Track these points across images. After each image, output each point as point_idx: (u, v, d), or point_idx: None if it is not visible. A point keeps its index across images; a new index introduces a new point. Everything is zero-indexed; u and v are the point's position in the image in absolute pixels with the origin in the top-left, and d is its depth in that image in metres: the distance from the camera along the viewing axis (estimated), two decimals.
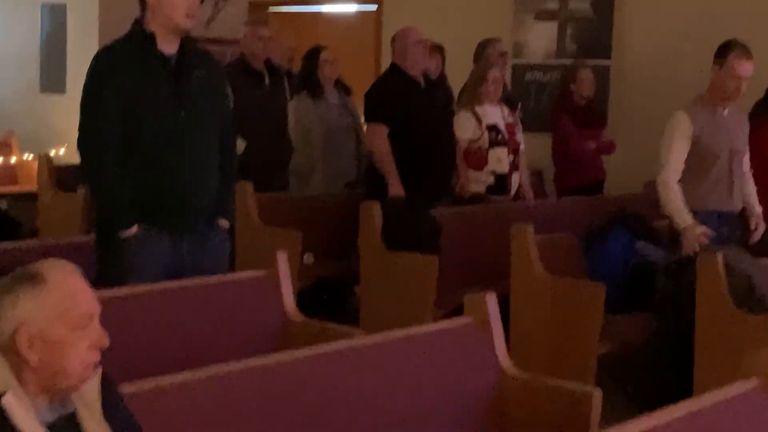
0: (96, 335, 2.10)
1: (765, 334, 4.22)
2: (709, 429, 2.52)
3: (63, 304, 2.05)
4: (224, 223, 3.98)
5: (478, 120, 6.04)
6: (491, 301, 3.46)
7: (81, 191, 6.47)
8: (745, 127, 5.08)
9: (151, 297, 3.57)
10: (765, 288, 4.44)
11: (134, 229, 3.71)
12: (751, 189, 5.07)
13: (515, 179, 6.13)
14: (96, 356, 2.10)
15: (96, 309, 2.12)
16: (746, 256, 4.68)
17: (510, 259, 5.08)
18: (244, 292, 3.85)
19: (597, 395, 3.19)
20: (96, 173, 3.79)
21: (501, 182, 6.07)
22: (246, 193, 5.80)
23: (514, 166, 6.11)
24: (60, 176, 7.08)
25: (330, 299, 6.19)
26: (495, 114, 6.11)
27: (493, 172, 6.05)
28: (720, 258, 4.48)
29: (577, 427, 3.17)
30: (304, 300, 4.49)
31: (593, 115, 7.05)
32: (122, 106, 3.68)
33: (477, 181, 6.05)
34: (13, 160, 8.44)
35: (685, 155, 4.80)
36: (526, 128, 6.55)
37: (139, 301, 3.52)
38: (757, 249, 4.94)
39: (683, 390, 3.52)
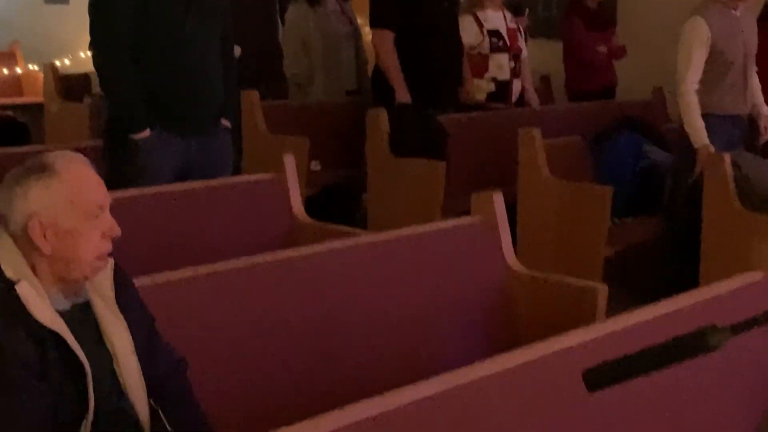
0: (107, 224, 2.12)
1: None
2: (713, 318, 2.54)
3: (74, 194, 2.06)
4: (227, 123, 4.01)
5: (480, 25, 5.99)
6: (498, 200, 3.48)
7: (87, 101, 6.47)
8: (755, 29, 5.03)
9: (161, 199, 3.61)
10: None
11: (147, 131, 3.75)
12: (758, 90, 5.04)
13: (516, 86, 6.10)
14: (108, 246, 2.13)
15: (106, 199, 2.14)
16: (752, 157, 4.69)
17: (517, 163, 5.09)
18: (252, 195, 3.88)
19: (602, 290, 3.23)
20: (111, 74, 3.80)
21: (502, 89, 6.04)
22: (252, 102, 5.78)
23: (515, 73, 6.08)
24: (66, 86, 7.08)
25: (338, 207, 6.21)
26: (497, 19, 6.06)
27: (494, 79, 6.02)
28: (727, 158, 4.49)
29: (582, 322, 3.21)
30: (311, 207, 4.52)
31: (604, 18, 6.98)
32: (133, 6, 3.69)
33: (478, 88, 6.02)
34: (19, 71, 8.42)
35: (703, 63, 4.75)
36: (535, 34, 6.50)
37: (149, 202, 3.55)
38: (765, 150, 4.95)
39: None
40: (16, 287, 2.01)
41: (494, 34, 5.99)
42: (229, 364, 2.71)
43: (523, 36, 6.27)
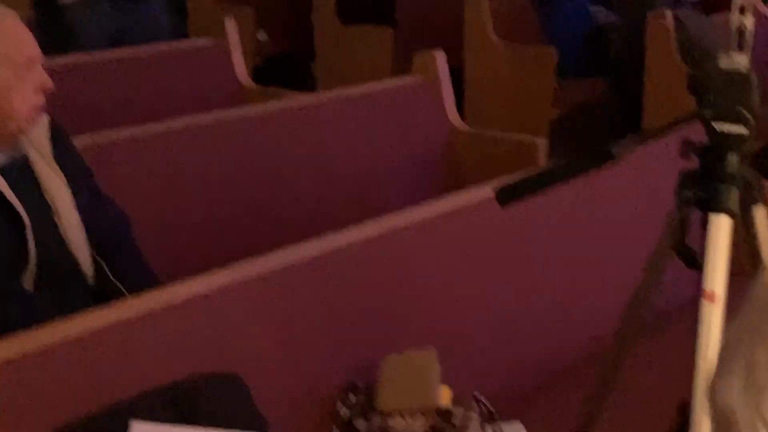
0: (40, 78, 2.11)
1: None
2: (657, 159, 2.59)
3: (5, 47, 2.05)
4: None
5: None
6: (440, 59, 3.49)
7: None
8: None
9: (99, 65, 3.58)
10: (712, 42, 4.49)
11: None
12: None
13: None
14: (41, 99, 2.13)
15: (38, 54, 2.13)
16: (694, 13, 4.72)
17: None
18: (194, 61, 3.85)
19: (542, 144, 3.29)
20: None
21: None
22: None
23: None
24: None
25: (287, 76, 6.18)
26: None
27: None
28: (670, 15, 4.51)
29: None
30: (259, 77, 4.50)
31: None
32: None
33: None
34: None
35: None
36: None
37: (88, 69, 3.53)
38: (710, 5, 4.96)
39: None
40: None
41: None
42: (174, 223, 2.74)
43: None
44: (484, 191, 2.34)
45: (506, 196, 1.36)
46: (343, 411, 1.99)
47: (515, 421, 2.24)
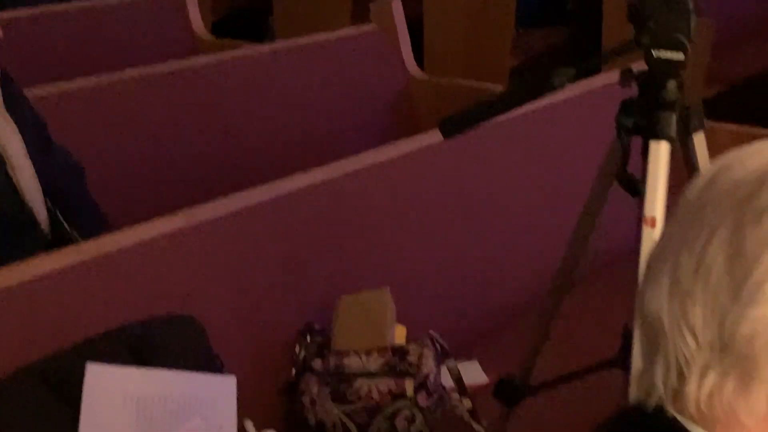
0: None
1: None
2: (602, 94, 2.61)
3: None
4: None
5: None
6: (396, 7, 3.49)
7: None
8: None
9: (55, 17, 3.54)
10: None
11: None
12: None
13: None
14: None
15: None
16: None
17: None
18: (150, 14, 3.82)
19: (500, 91, 3.29)
20: None
21: None
22: None
23: None
24: None
25: (245, 30, 6.13)
26: None
27: None
28: None
29: None
30: (217, 32, 4.45)
31: None
32: None
33: None
34: None
35: None
36: None
37: (45, 21, 3.49)
38: None
39: None
40: None
41: None
42: (128, 171, 2.74)
43: None
44: (437, 135, 2.36)
45: (449, 127, 1.37)
46: (300, 352, 2.01)
47: (473, 361, 2.28)
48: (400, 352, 1.96)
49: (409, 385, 1.92)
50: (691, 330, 0.79)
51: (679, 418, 0.81)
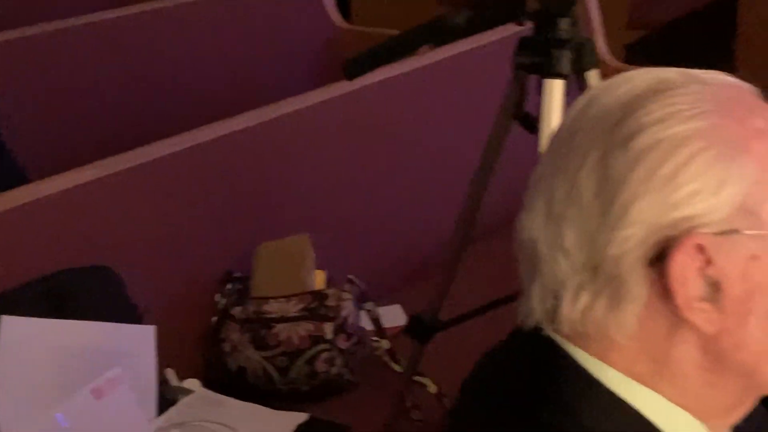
0: None
1: None
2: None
3: None
4: None
5: None
6: None
7: None
8: None
9: None
10: None
11: None
12: None
13: None
14: None
15: None
16: None
17: None
18: None
19: None
20: None
21: None
22: None
23: None
24: None
25: None
26: None
27: None
28: None
29: None
30: None
31: None
32: None
33: None
34: None
35: None
36: None
37: None
38: None
39: None
40: None
41: None
42: (48, 123, 2.71)
43: None
44: (354, 84, 2.37)
45: (353, 69, 1.38)
46: (221, 300, 2.02)
47: (395, 305, 2.31)
48: (319, 296, 1.98)
49: (328, 329, 1.94)
50: (565, 253, 0.82)
51: (554, 337, 0.84)
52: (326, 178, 2.30)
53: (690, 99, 0.81)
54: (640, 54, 3.78)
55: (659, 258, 0.79)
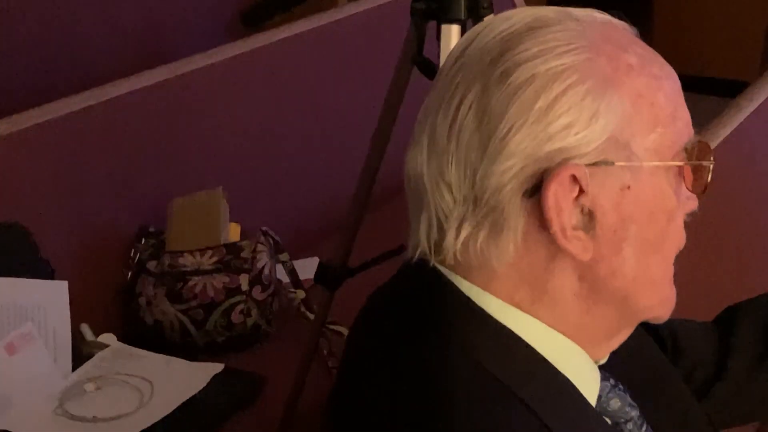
0: None
1: None
2: None
3: None
4: None
5: None
6: None
7: None
8: None
9: None
10: None
11: None
12: None
13: None
14: None
15: None
16: None
17: None
18: None
19: None
20: None
21: None
22: None
23: None
24: None
25: None
26: None
27: None
28: None
29: None
30: None
31: None
32: None
33: None
34: None
35: None
36: None
37: None
38: None
39: None
40: None
41: None
42: None
43: None
44: (270, 35, 2.37)
45: (250, 18, 1.38)
46: (136, 255, 2.02)
47: (313, 258, 2.33)
48: (233, 248, 1.99)
49: (243, 280, 1.96)
50: (448, 186, 0.84)
51: (439, 268, 0.87)
52: (239, 132, 2.31)
53: (565, 36, 0.84)
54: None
55: (536, 189, 0.81)
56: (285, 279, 2.09)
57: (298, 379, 1.81)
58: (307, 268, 2.25)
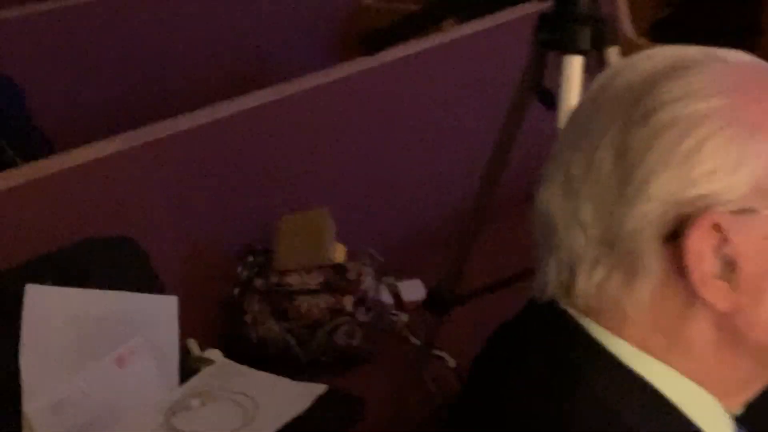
0: None
1: None
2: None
3: None
4: None
5: None
6: None
7: None
8: None
9: None
10: None
11: None
12: None
13: None
14: None
15: None
16: None
17: None
18: None
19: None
20: None
21: None
22: None
23: None
24: None
25: None
26: None
27: None
28: None
29: None
30: None
31: None
32: None
33: None
34: None
35: None
36: None
37: None
38: None
39: None
40: None
41: None
42: (70, 97, 2.73)
43: None
44: (374, 59, 2.38)
45: (371, 43, 1.39)
46: (242, 272, 2.04)
47: (415, 279, 2.32)
48: (339, 269, 2.00)
49: (348, 302, 1.96)
50: (582, 227, 0.82)
51: (568, 310, 0.85)
52: (347, 152, 2.31)
53: (709, 78, 0.81)
54: (665, 31, 3.76)
55: (675, 235, 0.79)
56: (388, 300, 2.09)
57: (399, 403, 1.81)
58: (410, 289, 2.24)
